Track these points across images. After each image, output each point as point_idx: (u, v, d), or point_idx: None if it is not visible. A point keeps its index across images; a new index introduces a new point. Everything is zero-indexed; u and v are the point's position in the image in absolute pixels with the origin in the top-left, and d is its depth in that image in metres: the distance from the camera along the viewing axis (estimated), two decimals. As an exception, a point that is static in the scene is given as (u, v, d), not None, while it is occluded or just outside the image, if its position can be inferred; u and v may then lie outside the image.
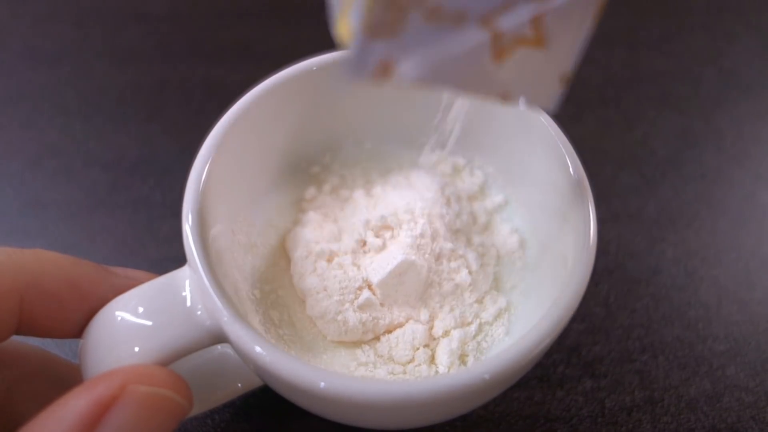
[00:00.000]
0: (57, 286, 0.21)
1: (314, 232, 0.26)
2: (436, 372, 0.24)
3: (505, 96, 0.19)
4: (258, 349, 0.19)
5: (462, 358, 0.25)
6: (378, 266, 0.25)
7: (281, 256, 0.27)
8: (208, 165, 0.23)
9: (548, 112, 0.24)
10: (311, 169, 0.29)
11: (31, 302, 0.20)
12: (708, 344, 0.32)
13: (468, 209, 0.28)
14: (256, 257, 0.26)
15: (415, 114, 0.28)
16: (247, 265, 0.26)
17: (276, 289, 0.26)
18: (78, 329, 0.21)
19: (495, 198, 0.28)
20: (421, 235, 0.25)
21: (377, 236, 0.25)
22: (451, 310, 0.25)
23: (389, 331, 0.25)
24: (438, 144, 0.29)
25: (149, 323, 0.20)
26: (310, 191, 0.28)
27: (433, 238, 0.25)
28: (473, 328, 0.25)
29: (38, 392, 0.22)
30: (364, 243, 0.25)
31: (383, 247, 0.25)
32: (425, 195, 0.26)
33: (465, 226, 0.27)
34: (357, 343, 0.25)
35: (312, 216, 0.27)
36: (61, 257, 0.21)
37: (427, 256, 0.25)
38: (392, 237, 0.25)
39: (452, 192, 0.27)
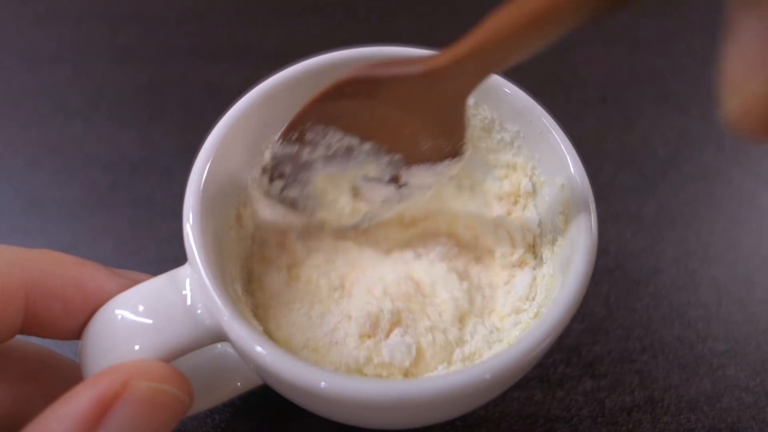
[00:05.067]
0: (62, 286, 0.21)
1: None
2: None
3: None
4: (258, 348, 0.19)
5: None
6: None
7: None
8: (208, 164, 0.23)
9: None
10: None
11: (36, 302, 0.20)
12: (708, 344, 0.32)
13: None
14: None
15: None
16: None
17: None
18: (81, 330, 0.21)
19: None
20: None
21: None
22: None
23: None
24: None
25: (149, 322, 0.20)
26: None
27: None
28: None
29: (42, 391, 0.22)
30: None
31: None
32: None
33: None
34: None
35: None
36: (67, 258, 0.21)
37: None
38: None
39: None
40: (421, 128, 0.23)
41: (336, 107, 0.23)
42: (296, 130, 0.24)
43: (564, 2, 0.16)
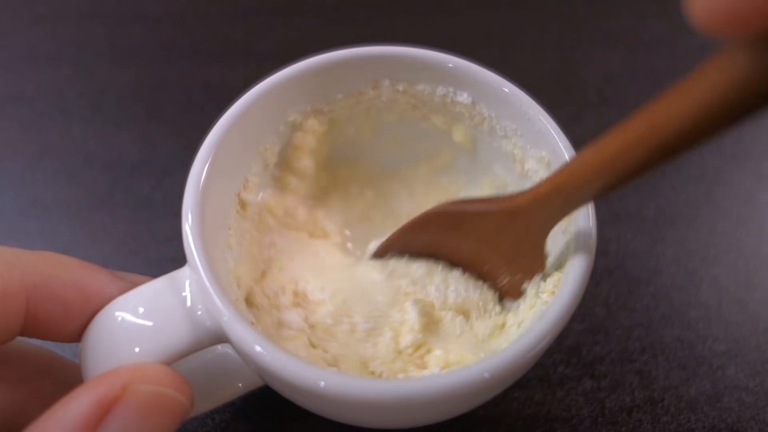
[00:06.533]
0: (63, 288, 0.21)
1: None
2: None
3: None
4: (258, 348, 0.19)
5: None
6: None
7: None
8: (207, 164, 0.23)
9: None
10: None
11: (37, 304, 0.20)
12: (708, 344, 0.32)
13: None
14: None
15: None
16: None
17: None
18: (82, 333, 0.21)
19: None
20: None
21: None
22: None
23: None
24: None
25: (149, 324, 0.20)
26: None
27: None
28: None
29: (42, 393, 0.22)
30: None
31: None
32: None
33: None
34: None
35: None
36: (69, 260, 0.21)
37: None
38: None
39: None
40: (501, 264, 0.24)
41: (421, 239, 0.24)
42: (383, 256, 0.26)
43: (637, 146, 0.17)
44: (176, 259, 0.21)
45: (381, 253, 0.26)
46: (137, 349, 0.20)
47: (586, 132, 0.40)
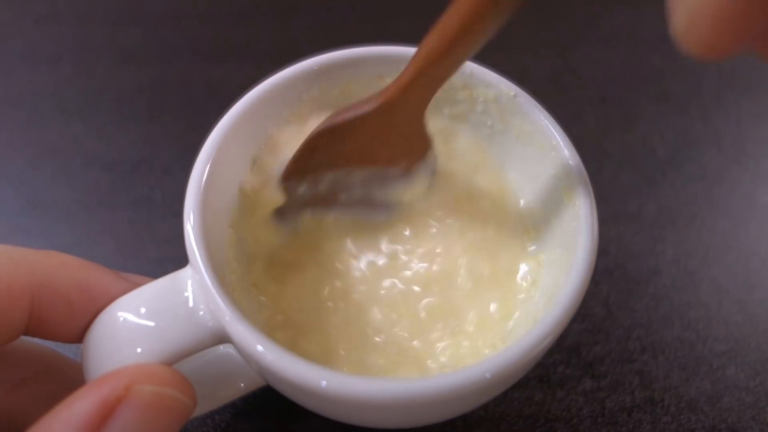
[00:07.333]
0: (68, 288, 0.21)
1: None
2: None
3: None
4: (260, 348, 0.19)
5: None
6: None
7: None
8: (209, 165, 0.23)
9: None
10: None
11: (42, 303, 0.20)
12: (708, 344, 0.32)
13: None
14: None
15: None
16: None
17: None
18: (85, 333, 0.21)
19: None
20: None
21: None
22: None
23: None
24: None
25: (151, 324, 0.20)
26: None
27: None
28: None
29: (46, 392, 0.22)
30: None
31: None
32: None
33: None
34: None
35: None
36: (74, 260, 0.21)
37: None
38: None
39: None
40: (392, 153, 0.26)
41: (315, 158, 0.25)
42: (288, 182, 0.26)
43: (471, 21, 0.20)
44: (176, 259, 0.21)
45: (286, 178, 0.26)
46: (139, 350, 0.20)
47: (586, 132, 0.40)
